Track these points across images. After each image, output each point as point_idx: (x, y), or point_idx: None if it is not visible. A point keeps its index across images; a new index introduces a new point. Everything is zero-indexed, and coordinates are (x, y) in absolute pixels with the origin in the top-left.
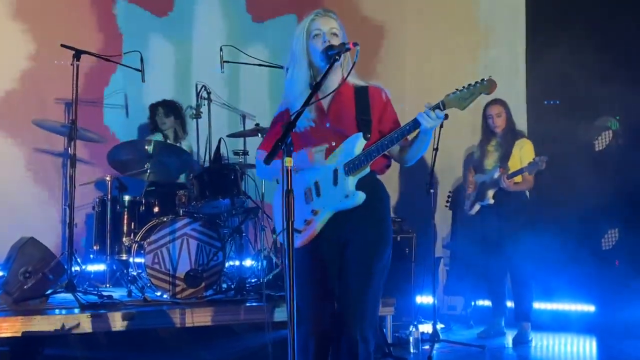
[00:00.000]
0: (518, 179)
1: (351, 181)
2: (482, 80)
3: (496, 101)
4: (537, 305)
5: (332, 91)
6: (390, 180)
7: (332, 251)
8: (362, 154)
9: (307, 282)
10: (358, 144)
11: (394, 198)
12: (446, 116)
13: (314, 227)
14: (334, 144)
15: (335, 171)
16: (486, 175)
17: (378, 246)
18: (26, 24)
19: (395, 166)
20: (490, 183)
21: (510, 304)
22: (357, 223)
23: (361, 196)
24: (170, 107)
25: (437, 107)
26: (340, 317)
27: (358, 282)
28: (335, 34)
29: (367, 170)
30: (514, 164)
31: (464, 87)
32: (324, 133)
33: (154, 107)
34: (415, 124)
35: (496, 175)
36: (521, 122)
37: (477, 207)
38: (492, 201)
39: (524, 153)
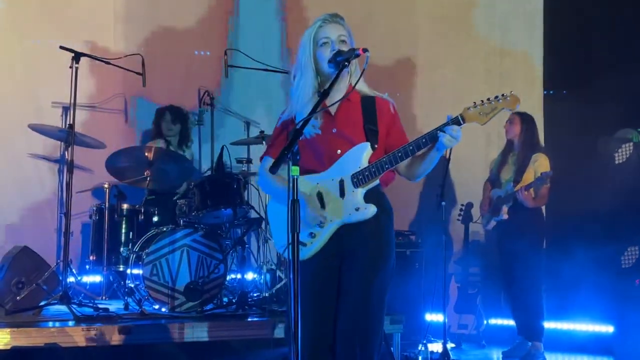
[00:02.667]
0: (532, 193)
1: (360, 193)
2: (504, 94)
3: (517, 112)
4: (553, 324)
5: (341, 98)
6: (401, 192)
7: (332, 264)
8: (373, 165)
9: (306, 298)
10: (365, 154)
11: (404, 211)
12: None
13: (321, 240)
14: (339, 151)
15: (341, 182)
16: (502, 190)
17: (379, 261)
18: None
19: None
20: (505, 198)
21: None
22: (361, 236)
23: (372, 209)
24: (177, 113)
25: (456, 121)
26: (341, 337)
27: (358, 300)
28: (343, 41)
29: (377, 182)
30: (528, 178)
31: (483, 100)
32: (331, 140)
33: (161, 112)
34: (432, 138)
35: (510, 190)
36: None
37: (493, 223)
38: (506, 216)
39: (537, 167)
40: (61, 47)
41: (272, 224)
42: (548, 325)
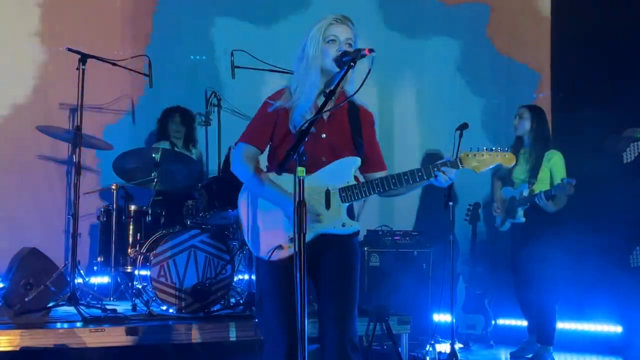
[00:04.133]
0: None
1: (344, 207)
2: (505, 150)
3: (526, 105)
4: (562, 325)
5: (344, 101)
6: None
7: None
8: (364, 185)
9: (279, 297)
10: (354, 169)
11: (411, 211)
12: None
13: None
14: (324, 159)
15: (327, 193)
16: (515, 190)
17: (351, 272)
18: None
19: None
20: (521, 200)
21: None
22: (335, 247)
23: (356, 226)
24: (185, 115)
25: (454, 164)
26: (324, 332)
27: (339, 295)
28: (349, 45)
29: (362, 199)
30: (542, 177)
31: (485, 149)
32: (318, 145)
33: (169, 113)
34: (428, 174)
35: (526, 192)
36: None
37: (508, 224)
38: (523, 219)
39: (553, 166)
40: (68, 49)
41: (251, 223)
42: (557, 325)
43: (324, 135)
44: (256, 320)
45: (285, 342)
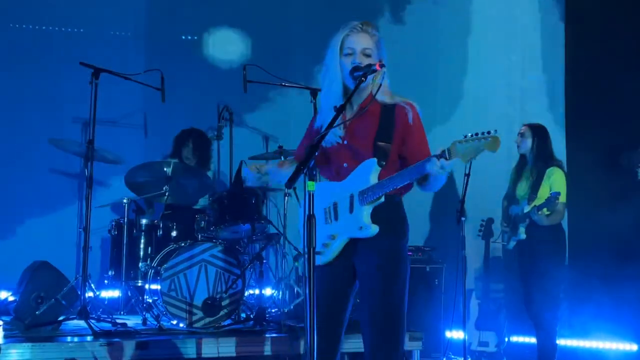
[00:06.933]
0: (545, 210)
1: (366, 211)
2: (488, 133)
3: (528, 124)
4: (575, 342)
5: (359, 113)
6: (420, 207)
7: (345, 275)
8: (376, 185)
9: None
10: (373, 171)
11: (423, 226)
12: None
13: (333, 251)
14: (345, 165)
15: (352, 197)
16: (518, 207)
17: (390, 280)
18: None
19: (426, 192)
20: (521, 217)
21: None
22: (371, 249)
23: (374, 229)
24: (199, 141)
25: (442, 155)
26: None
27: (374, 309)
28: (367, 55)
29: (382, 199)
30: (543, 194)
31: (472, 135)
32: (340, 151)
33: (183, 137)
34: (423, 169)
35: (526, 209)
36: (560, 149)
37: (513, 242)
38: (524, 236)
39: (552, 182)
40: (81, 64)
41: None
42: (572, 343)
43: (345, 142)
44: (266, 335)
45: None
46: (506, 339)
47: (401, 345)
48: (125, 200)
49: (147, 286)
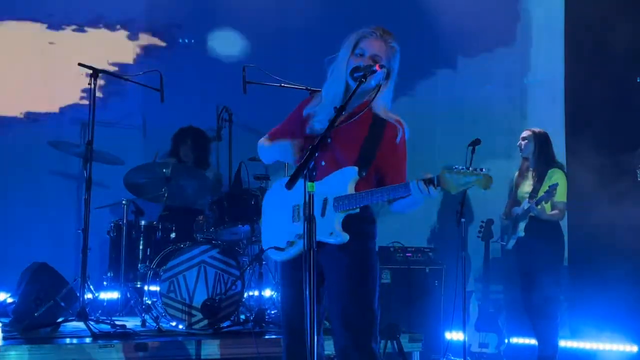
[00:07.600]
0: (548, 207)
1: (338, 218)
2: (481, 170)
3: (530, 129)
4: (575, 344)
5: (354, 117)
6: (420, 208)
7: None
8: (354, 196)
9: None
10: (351, 180)
11: (423, 227)
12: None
13: (297, 250)
14: (323, 163)
15: (325, 200)
16: (519, 208)
17: (360, 275)
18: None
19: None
20: (522, 215)
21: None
22: (339, 250)
23: (345, 237)
24: (198, 140)
25: (430, 182)
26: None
27: (345, 310)
28: (375, 62)
29: (357, 210)
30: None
31: (464, 168)
32: (323, 148)
33: (182, 135)
34: (406, 190)
35: (526, 205)
36: (560, 151)
37: (512, 241)
38: (522, 233)
39: (553, 182)
40: (80, 65)
41: (265, 219)
42: (572, 344)
43: (329, 140)
44: (266, 337)
45: (285, 342)
46: (506, 340)
47: (371, 346)
48: (124, 202)
49: (146, 287)
